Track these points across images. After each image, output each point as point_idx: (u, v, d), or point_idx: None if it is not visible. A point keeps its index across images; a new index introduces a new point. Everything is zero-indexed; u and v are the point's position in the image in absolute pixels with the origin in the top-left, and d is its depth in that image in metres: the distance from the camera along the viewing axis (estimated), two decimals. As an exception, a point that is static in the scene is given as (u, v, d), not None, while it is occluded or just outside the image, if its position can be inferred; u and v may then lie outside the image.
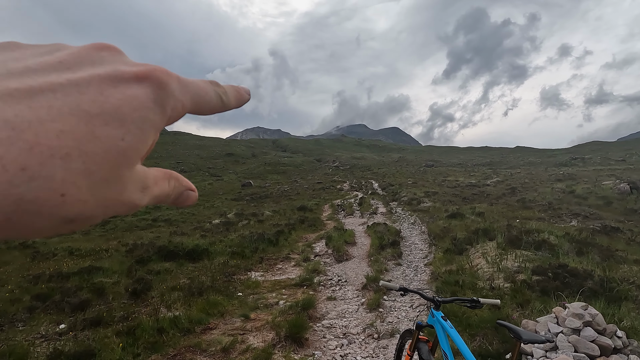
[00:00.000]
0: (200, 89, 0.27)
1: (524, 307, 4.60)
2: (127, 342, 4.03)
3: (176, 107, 0.24)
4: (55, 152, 0.18)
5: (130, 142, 0.21)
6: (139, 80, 0.22)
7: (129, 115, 0.21)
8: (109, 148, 0.20)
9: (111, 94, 0.21)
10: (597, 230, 9.40)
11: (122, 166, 0.21)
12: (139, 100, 0.22)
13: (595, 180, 27.15)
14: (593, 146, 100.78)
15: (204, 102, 0.27)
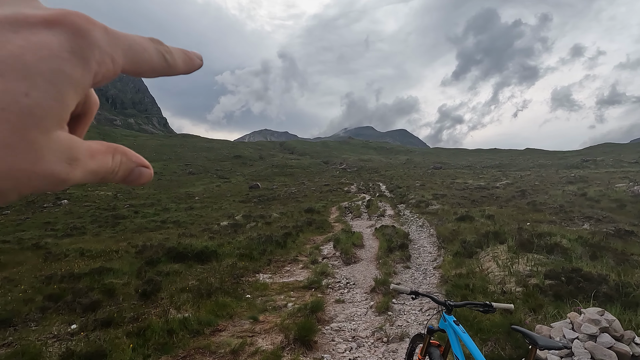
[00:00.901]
0: (136, 43, 0.23)
1: (536, 312, 4.51)
2: (138, 343, 4.05)
3: (104, 61, 0.21)
4: None
5: (38, 99, 0.18)
6: (48, 25, 0.19)
7: (34, 66, 0.18)
8: (6, 105, 0.17)
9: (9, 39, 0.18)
10: (611, 234, 9.21)
11: (30, 128, 0.18)
12: (48, 48, 0.18)
13: (607, 182, 26.65)
14: (605, 148, 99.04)
15: (143, 60, 0.24)
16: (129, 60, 0.23)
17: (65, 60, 0.19)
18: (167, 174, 58.65)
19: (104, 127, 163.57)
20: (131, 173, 0.25)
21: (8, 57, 0.17)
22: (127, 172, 0.25)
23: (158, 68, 0.25)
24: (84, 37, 0.20)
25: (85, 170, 0.21)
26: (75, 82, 0.20)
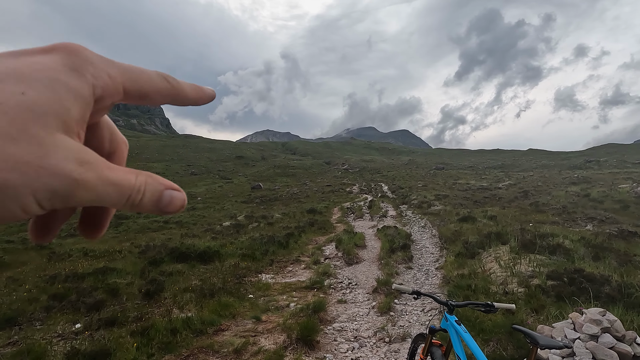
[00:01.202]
0: (135, 67, 0.25)
1: (538, 313, 4.52)
2: (141, 342, 4.09)
3: (99, 75, 0.22)
4: None
5: (35, 97, 0.19)
6: (45, 52, 0.22)
7: (30, 75, 0.20)
8: (4, 100, 0.19)
9: (9, 62, 0.20)
10: (614, 235, 9.18)
11: (29, 122, 0.19)
12: (44, 64, 0.21)
13: (611, 183, 26.53)
14: (609, 148, 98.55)
15: (143, 80, 0.25)
16: (127, 78, 0.24)
17: (60, 71, 0.21)
18: (170, 175, 58.84)
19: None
20: (161, 197, 0.25)
21: (5, 70, 0.20)
22: (156, 195, 0.25)
23: (162, 89, 0.26)
24: (77, 55, 0.22)
25: (102, 176, 0.22)
26: (73, 89, 0.21)
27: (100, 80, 0.22)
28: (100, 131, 0.27)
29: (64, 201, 0.21)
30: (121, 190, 0.23)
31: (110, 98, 0.24)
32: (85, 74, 0.22)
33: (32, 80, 0.20)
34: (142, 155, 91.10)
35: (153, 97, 0.26)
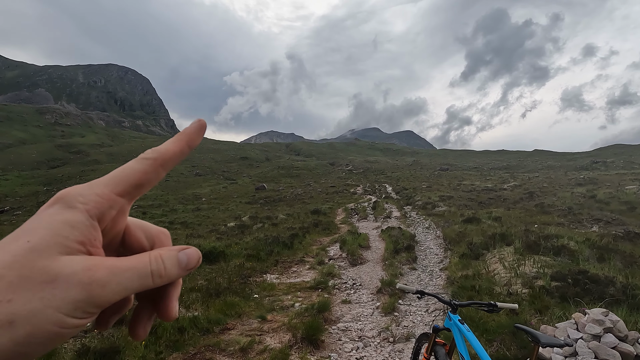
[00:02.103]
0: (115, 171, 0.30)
1: (542, 313, 4.53)
2: (150, 340, 4.16)
3: (89, 200, 0.28)
4: None
5: (36, 240, 0.25)
6: (50, 205, 0.28)
7: (34, 227, 0.26)
8: (15, 252, 0.24)
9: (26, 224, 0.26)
10: (620, 236, 9.13)
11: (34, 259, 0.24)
12: (47, 214, 0.27)
13: (617, 184, 26.29)
14: (616, 149, 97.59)
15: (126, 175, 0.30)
16: (113, 185, 0.29)
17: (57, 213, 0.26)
18: (175, 176, 59.17)
19: (112, 129, 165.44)
20: (179, 261, 0.30)
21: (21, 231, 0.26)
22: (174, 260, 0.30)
23: (146, 168, 0.30)
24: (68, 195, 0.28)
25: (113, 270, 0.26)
26: (67, 221, 0.26)
27: (91, 202, 0.27)
28: (134, 234, 0.33)
29: (91, 304, 0.25)
30: (140, 272, 0.28)
31: (111, 209, 0.29)
32: (76, 205, 0.27)
33: (36, 229, 0.25)
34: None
35: (145, 181, 0.30)
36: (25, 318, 0.23)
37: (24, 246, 0.24)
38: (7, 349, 0.22)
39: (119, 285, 0.26)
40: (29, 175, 64.33)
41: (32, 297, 0.23)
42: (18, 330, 0.22)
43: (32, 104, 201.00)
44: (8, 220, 28.20)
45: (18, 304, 0.23)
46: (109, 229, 0.30)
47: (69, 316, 0.24)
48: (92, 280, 0.25)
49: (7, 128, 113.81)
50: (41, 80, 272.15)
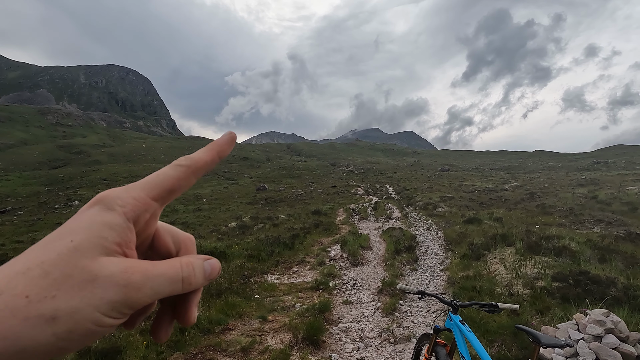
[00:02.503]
0: (151, 175, 0.31)
1: (543, 314, 4.53)
2: (151, 341, 4.17)
3: (127, 203, 0.29)
4: (19, 271, 0.24)
5: (79, 240, 0.26)
6: (90, 206, 0.29)
7: (77, 226, 0.27)
8: (60, 251, 0.25)
9: (67, 224, 0.28)
10: (621, 237, 9.11)
11: (77, 258, 0.25)
12: (87, 215, 0.28)
13: (619, 185, 26.24)
14: (617, 150, 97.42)
15: (161, 181, 0.31)
16: (149, 189, 0.30)
17: (97, 215, 0.28)
18: (176, 176, 59.02)
19: (114, 130, 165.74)
20: (204, 269, 0.32)
21: (64, 230, 0.27)
22: (201, 268, 0.32)
23: (180, 175, 0.32)
24: (107, 197, 0.29)
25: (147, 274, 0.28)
26: (106, 222, 0.28)
27: (128, 205, 0.29)
28: (163, 238, 0.34)
29: (126, 306, 0.26)
30: (171, 278, 0.29)
31: (146, 212, 0.30)
32: (114, 208, 0.28)
33: (78, 229, 0.27)
34: (149, 157, 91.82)
35: (178, 187, 0.32)
36: (68, 315, 0.24)
37: (68, 245, 0.26)
38: (49, 342, 0.23)
39: (152, 289, 0.27)
40: (31, 175, 64.47)
41: (74, 295, 0.24)
42: (60, 325, 0.24)
43: (33, 105, 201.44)
44: (9, 221, 28.26)
45: (61, 300, 0.24)
46: (142, 231, 0.31)
47: (105, 315, 0.25)
48: (129, 282, 0.26)
49: (8, 128, 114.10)
50: (43, 80, 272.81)
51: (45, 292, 0.24)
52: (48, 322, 0.23)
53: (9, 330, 0.22)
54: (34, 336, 0.23)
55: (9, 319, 0.23)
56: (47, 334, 0.23)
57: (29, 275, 0.24)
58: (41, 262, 0.25)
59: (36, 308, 0.23)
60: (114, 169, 66.03)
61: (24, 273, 0.24)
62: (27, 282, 0.24)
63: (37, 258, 0.25)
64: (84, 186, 50.58)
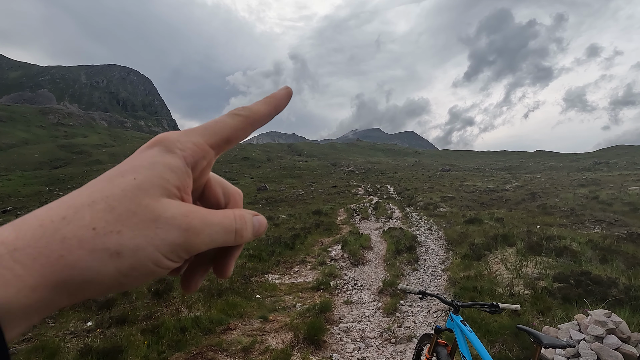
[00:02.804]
0: (209, 122, 0.31)
1: (544, 315, 4.53)
2: (152, 340, 4.18)
3: (185, 147, 0.29)
4: (85, 203, 0.25)
5: (142, 179, 0.26)
6: (150, 146, 0.29)
7: (139, 165, 0.27)
8: (124, 187, 0.26)
9: (129, 160, 0.28)
10: (623, 238, 9.09)
11: (140, 196, 0.26)
12: (149, 154, 0.28)
13: (620, 185, 26.20)
14: (618, 150, 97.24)
15: (219, 128, 0.31)
16: (207, 136, 0.30)
17: (158, 155, 0.28)
18: (177, 176, 59.12)
19: (115, 129, 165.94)
20: (253, 224, 0.32)
21: (127, 166, 0.27)
22: (251, 222, 0.31)
23: (238, 124, 0.31)
24: (167, 139, 0.29)
25: (205, 220, 0.28)
26: (168, 164, 0.28)
27: (188, 150, 0.29)
28: (213, 189, 0.34)
29: (184, 250, 0.27)
30: (226, 228, 0.29)
31: (204, 159, 0.30)
32: (175, 151, 0.28)
33: (140, 167, 0.27)
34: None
35: (235, 136, 0.31)
36: (131, 251, 0.24)
37: (132, 183, 0.26)
38: (112, 277, 0.24)
39: (209, 236, 0.27)
40: (32, 175, 64.59)
41: (138, 233, 0.25)
42: (123, 261, 0.24)
43: (35, 105, 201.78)
44: (10, 220, 28.31)
45: (126, 237, 0.24)
46: (196, 178, 0.31)
47: (165, 257, 0.26)
48: (189, 226, 0.26)
49: (10, 128, 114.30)
50: (44, 80, 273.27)
51: (111, 226, 0.24)
52: (113, 256, 0.24)
53: (77, 260, 0.23)
54: (98, 269, 0.23)
55: (76, 249, 0.23)
56: (111, 268, 0.24)
57: (95, 208, 0.24)
58: (106, 196, 0.25)
59: (102, 241, 0.24)
60: (115, 169, 65.97)
61: (90, 205, 0.25)
62: (94, 215, 0.24)
63: (102, 192, 0.25)
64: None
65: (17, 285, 0.21)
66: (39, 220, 0.23)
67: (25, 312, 0.21)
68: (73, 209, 0.24)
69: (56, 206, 0.25)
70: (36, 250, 0.22)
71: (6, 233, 0.23)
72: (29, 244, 0.22)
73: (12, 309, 0.21)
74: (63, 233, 0.23)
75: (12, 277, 0.21)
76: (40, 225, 0.23)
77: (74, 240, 0.23)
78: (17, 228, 0.23)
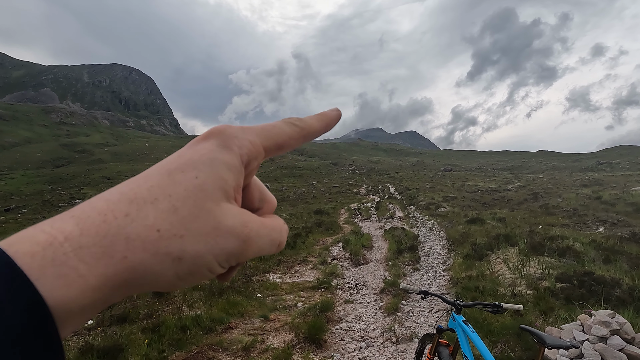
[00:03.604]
0: (267, 124, 0.31)
1: (547, 315, 4.50)
2: (152, 339, 4.17)
3: (243, 144, 0.28)
4: (147, 199, 0.24)
5: (203, 178, 0.25)
6: (205, 138, 0.28)
7: (198, 160, 0.26)
8: (186, 186, 0.25)
9: (186, 153, 0.27)
10: (626, 238, 9.04)
11: (203, 199, 0.25)
12: (206, 148, 0.27)
13: (623, 185, 26.09)
14: (621, 150, 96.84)
15: (275, 134, 0.30)
16: (263, 138, 0.29)
17: (216, 152, 0.27)
18: (178, 175, 59.25)
19: (117, 129, 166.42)
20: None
21: (186, 161, 0.26)
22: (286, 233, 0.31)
23: (293, 135, 0.31)
24: (224, 133, 0.28)
25: (259, 233, 0.27)
26: (226, 163, 0.27)
27: (245, 148, 0.28)
28: (252, 191, 0.32)
29: (237, 259, 0.26)
30: (273, 240, 0.29)
31: (255, 160, 0.29)
32: (232, 148, 0.27)
33: (200, 164, 0.26)
34: (151, 156, 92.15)
35: (288, 145, 0.31)
36: (192, 257, 0.24)
37: (194, 182, 0.25)
38: (169, 280, 0.23)
39: (258, 247, 0.27)
40: (34, 174, 64.86)
41: (200, 239, 0.24)
42: (183, 266, 0.23)
43: (37, 104, 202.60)
44: (13, 219, 28.43)
45: (188, 242, 0.23)
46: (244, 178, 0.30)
47: (219, 265, 0.25)
48: (247, 238, 0.26)
49: (13, 127, 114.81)
50: (47, 79, 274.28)
51: (175, 229, 0.23)
52: (174, 261, 0.23)
53: (140, 262, 0.22)
54: (159, 272, 0.23)
55: (140, 251, 0.22)
56: (171, 272, 0.23)
57: (158, 208, 0.23)
58: (169, 195, 0.24)
59: (166, 245, 0.23)
60: (117, 168, 66.29)
61: (153, 203, 0.24)
62: (158, 215, 0.23)
63: (163, 189, 0.24)
64: (87, 184, 50.82)
65: (80, 286, 0.21)
66: (102, 215, 0.23)
67: (83, 311, 0.21)
68: (136, 205, 0.23)
69: (116, 199, 0.24)
70: (101, 249, 0.22)
71: (69, 227, 0.22)
72: (94, 242, 0.22)
73: (71, 308, 0.20)
74: (127, 232, 0.22)
75: (76, 277, 0.21)
76: (104, 221, 0.22)
77: (137, 242, 0.22)
78: (79, 221, 0.22)
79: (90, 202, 0.24)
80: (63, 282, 0.20)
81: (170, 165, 0.26)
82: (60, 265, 0.20)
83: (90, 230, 0.22)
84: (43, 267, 0.20)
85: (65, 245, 0.21)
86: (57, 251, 0.21)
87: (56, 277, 0.20)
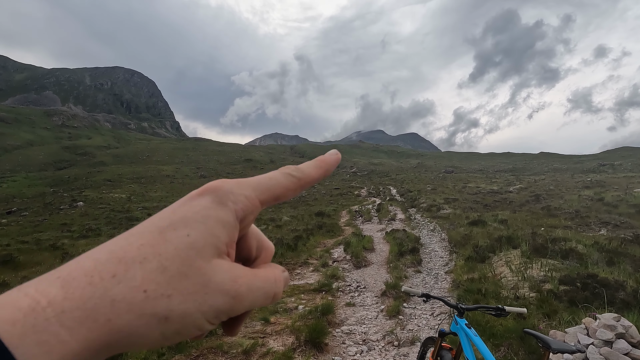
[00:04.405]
0: (264, 177, 0.30)
1: (550, 318, 4.45)
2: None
3: (238, 200, 0.27)
4: (136, 259, 0.23)
5: (195, 236, 0.25)
6: (200, 194, 0.27)
7: (192, 218, 0.26)
8: (177, 245, 0.24)
9: (180, 209, 0.26)
10: (629, 240, 8.97)
11: (193, 257, 0.24)
12: (200, 205, 0.26)
13: (626, 187, 25.97)
14: (624, 152, 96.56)
15: (272, 186, 0.30)
16: (260, 191, 0.29)
17: (210, 209, 0.26)
18: (180, 177, 59.49)
19: (118, 131, 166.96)
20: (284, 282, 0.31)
21: (178, 218, 0.25)
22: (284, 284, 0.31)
23: (290, 185, 0.30)
24: (220, 190, 0.27)
25: (251, 287, 0.27)
26: (221, 220, 0.26)
27: (240, 204, 0.27)
28: (249, 241, 0.32)
29: (227, 315, 0.26)
30: (267, 293, 0.28)
31: (251, 214, 0.28)
32: (227, 204, 0.27)
33: (193, 221, 0.25)
34: (153, 158, 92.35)
35: (285, 196, 0.31)
36: (179, 317, 0.23)
37: (185, 240, 0.25)
38: (155, 340, 0.23)
39: (250, 302, 0.27)
40: (36, 176, 65.03)
41: (188, 298, 0.24)
42: (170, 326, 0.23)
43: (39, 107, 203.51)
44: (15, 221, 28.45)
45: (175, 301, 0.23)
46: (240, 230, 0.30)
47: (208, 322, 0.25)
48: (236, 294, 0.26)
49: (15, 130, 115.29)
50: (49, 82, 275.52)
51: (162, 289, 0.23)
52: (160, 321, 0.23)
53: (124, 325, 0.22)
54: (144, 333, 0.22)
55: (125, 313, 0.22)
56: (156, 332, 0.23)
57: (146, 268, 0.23)
58: (158, 254, 0.24)
59: (152, 305, 0.23)
60: (118, 170, 66.42)
61: (141, 263, 0.23)
62: (145, 275, 0.23)
63: (153, 248, 0.24)
64: (89, 187, 50.90)
65: (60, 351, 0.20)
66: (88, 277, 0.22)
67: None
68: (124, 265, 0.23)
69: (105, 258, 0.23)
70: (84, 313, 0.21)
71: (54, 291, 0.21)
72: (77, 306, 0.21)
73: None
74: (113, 294, 0.22)
75: (57, 344, 0.20)
76: (90, 283, 0.22)
77: (123, 304, 0.22)
78: (64, 283, 0.22)
79: (78, 261, 0.23)
80: (44, 349, 0.20)
81: (162, 223, 0.25)
82: (41, 332, 0.20)
83: (75, 294, 0.21)
84: (23, 335, 0.19)
85: (47, 311, 0.20)
86: (38, 317, 0.20)
87: (36, 345, 0.20)
